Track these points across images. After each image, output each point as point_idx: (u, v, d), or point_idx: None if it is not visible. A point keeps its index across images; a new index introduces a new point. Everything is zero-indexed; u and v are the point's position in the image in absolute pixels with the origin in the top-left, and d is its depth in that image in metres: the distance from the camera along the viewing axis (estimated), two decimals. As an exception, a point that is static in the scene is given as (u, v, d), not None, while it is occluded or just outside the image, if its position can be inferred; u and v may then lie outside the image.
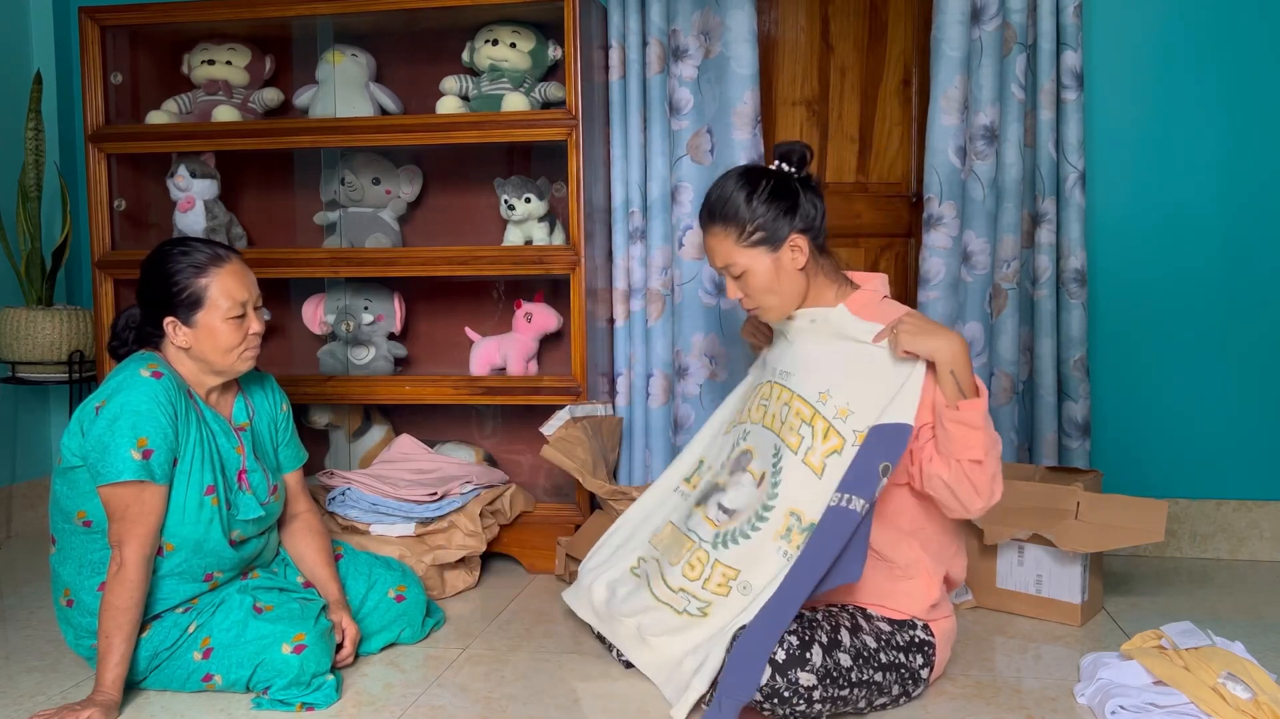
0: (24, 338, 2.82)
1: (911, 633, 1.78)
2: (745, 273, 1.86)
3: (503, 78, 2.67)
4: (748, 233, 1.83)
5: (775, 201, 1.83)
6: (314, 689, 1.81)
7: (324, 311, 2.91)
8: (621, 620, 1.93)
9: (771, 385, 1.92)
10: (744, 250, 1.84)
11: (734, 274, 1.87)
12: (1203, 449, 2.73)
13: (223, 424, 1.94)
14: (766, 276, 1.85)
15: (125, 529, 1.77)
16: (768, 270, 1.85)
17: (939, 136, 2.61)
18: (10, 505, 3.04)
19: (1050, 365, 2.65)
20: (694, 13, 2.74)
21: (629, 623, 1.91)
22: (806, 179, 1.88)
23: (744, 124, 2.69)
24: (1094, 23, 2.71)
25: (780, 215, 1.83)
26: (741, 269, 1.85)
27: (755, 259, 1.84)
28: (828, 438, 1.79)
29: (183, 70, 2.88)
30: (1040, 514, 2.21)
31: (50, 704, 1.83)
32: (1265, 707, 1.62)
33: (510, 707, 1.81)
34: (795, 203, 1.84)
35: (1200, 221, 2.70)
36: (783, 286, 1.86)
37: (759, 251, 1.84)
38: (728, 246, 1.85)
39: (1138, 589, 2.47)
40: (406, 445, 2.76)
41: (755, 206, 1.83)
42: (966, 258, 2.65)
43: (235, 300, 1.87)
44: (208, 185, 2.78)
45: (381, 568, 2.13)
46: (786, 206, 1.83)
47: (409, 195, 2.91)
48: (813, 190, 1.87)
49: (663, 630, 1.85)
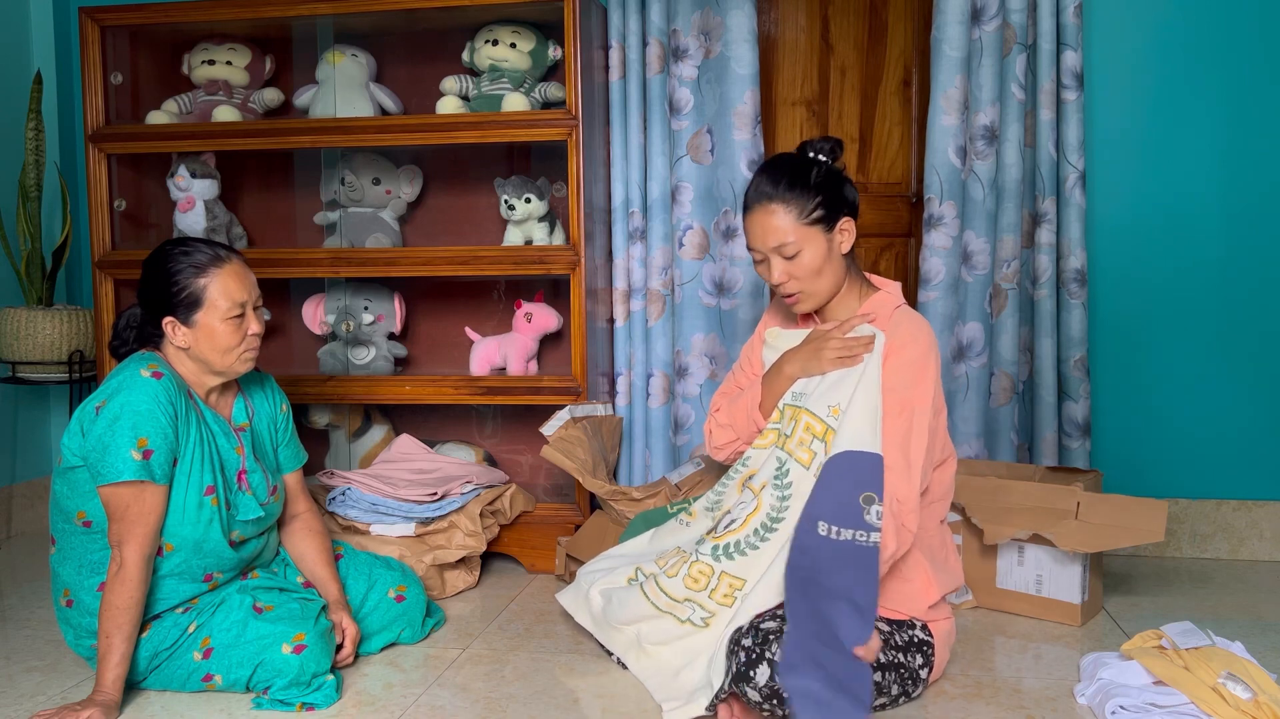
0: (24, 338, 2.82)
1: (910, 633, 1.78)
2: (799, 254, 1.83)
3: (503, 78, 2.67)
4: (809, 210, 1.82)
5: (828, 184, 1.84)
6: (314, 689, 1.81)
7: (324, 312, 2.91)
8: (620, 629, 1.93)
9: (781, 410, 1.90)
10: (803, 229, 1.82)
11: (786, 254, 1.83)
12: (1203, 449, 2.73)
13: (223, 424, 1.94)
14: (820, 258, 1.83)
15: (125, 529, 1.77)
16: (821, 251, 1.83)
17: (939, 136, 2.61)
18: (10, 505, 3.04)
19: (1050, 365, 2.65)
20: (694, 13, 2.74)
21: (628, 631, 1.92)
22: (842, 170, 1.90)
23: (744, 124, 2.69)
24: (1094, 23, 2.71)
25: (833, 198, 1.84)
26: (796, 249, 1.83)
27: (812, 239, 1.83)
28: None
29: (183, 70, 2.88)
30: (1040, 514, 2.21)
31: (50, 704, 1.83)
32: (1265, 707, 1.62)
33: (510, 707, 1.81)
34: (842, 188, 1.86)
35: (1200, 221, 2.70)
36: (830, 269, 1.85)
37: (816, 231, 1.83)
38: (788, 223, 1.82)
39: (1138, 589, 2.47)
40: (406, 445, 2.76)
41: (812, 187, 1.83)
42: (967, 258, 2.65)
43: (234, 301, 1.87)
44: (208, 185, 2.78)
45: (381, 568, 2.13)
46: (837, 190, 1.85)
47: (409, 195, 2.91)
48: (848, 181, 1.90)
49: (662, 639, 1.86)
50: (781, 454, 1.84)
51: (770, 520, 1.81)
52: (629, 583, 2.00)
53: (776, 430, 1.90)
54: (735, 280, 2.75)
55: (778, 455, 1.85)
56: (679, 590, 1.87)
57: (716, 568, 1.83)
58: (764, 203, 1.84)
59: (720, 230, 2.76)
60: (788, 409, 1.89)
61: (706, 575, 1.84)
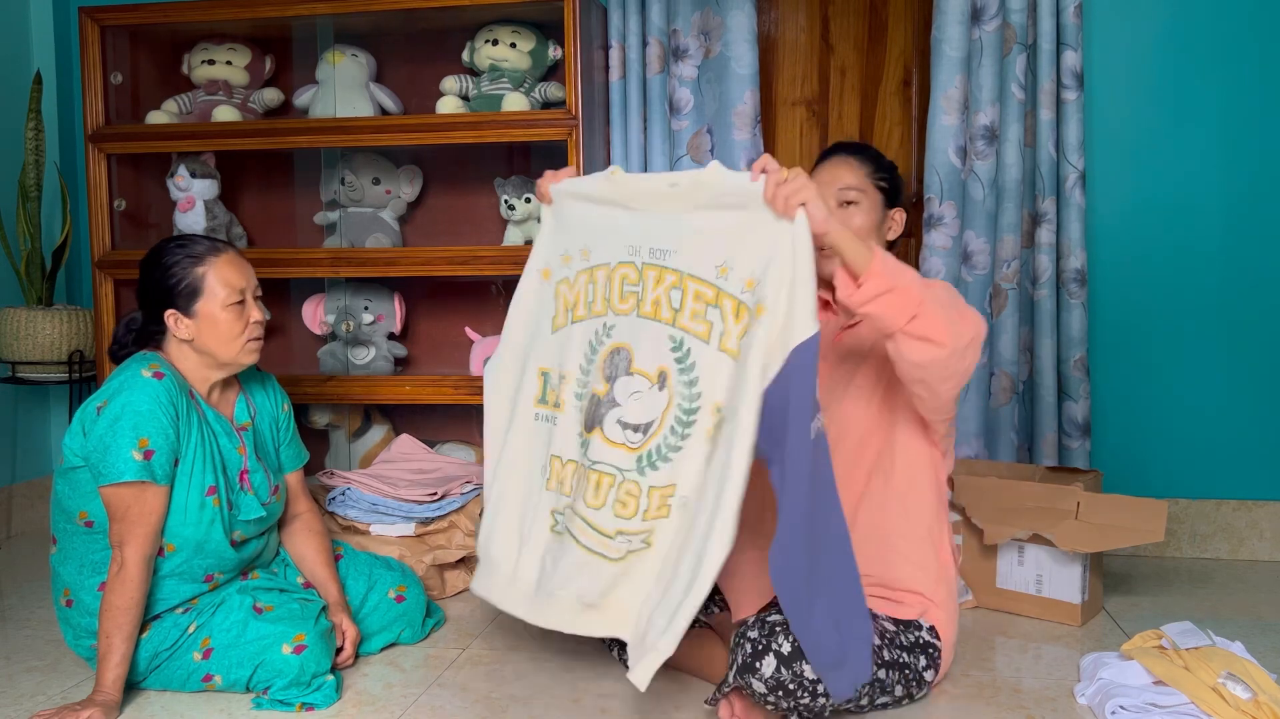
0: (24, 338, 2.82)
1: (917, 634, 1.78)
2: (857, 204, 1.85)
3: (503, 78, 2.67)
4: (880, 175, 1.88)
5: (896, 175, 1.93)
6: (314, 689, 1.81)
7: (324, 312, 2.91)
8: (556, 596, 1.66)
9: (639, 269, 1.68)
10: (870, 186, 1.87)
11: (847, 199, 1.85)
12: (1203, 449, 2.73)
13: (224, 424, 1.94)
14: (870, 222, 1.86)
15: (126, 529, 1.77)
16: (874, 217, 1.87)
17: (939, 136, 2.61)
18: (10, 505, 3.04)
19: (1050, 365, 2.65)
20: (694, 13, 2.74)
21: (564, 595, 1.65)
22: None
23: (744, 124, 2.69)
24: (1094, 23, 2.71)
25: (898, 188, 1.92)
26: (858, 197, 1.85)
27: (872, 200, 1.87)
28: (739, 316, 1.58)
29: (183, 70, 2.88)
30: (1040, 514, 2.21)
31: (50, 704, 1.83)
32: (1265, 707, 1.62)
33: (510, 707, 1.81)
34: (902, 189, 1.94)
35: (1200, 221, 2.70)
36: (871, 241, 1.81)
37: (878, 197, 1.88)
38: (861, 174, 1.86)
39: (1138, 589, 2.47)
40: (406, 445, 2.76)
41: (888, 166, 1.92)
42: (967, 258, 2.65)
43: (233, 288, 1.88)
44: (208, 185, 2.78)
45: (381, 568, 2.13)
46: (900, 185, 1.93)
47: (409, 195, 2.91)
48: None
49: (606, 588, 1.61)
50: (672, 331, 1.62)
51: (685, 414, 1.60)
52: (552, 532, 1.72)
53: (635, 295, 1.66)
54: (735, 280, 2.75)
55: (669, 333, 1.63)
56: (609, 523, 1.63)
57: (643, 483, 1.61)
58: (844, 155, 1.91)
59: (720, 230, 2.76)
60: (651, 269, 1.65)
61: (634, 496, 1.62)
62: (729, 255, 1.59)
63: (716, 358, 1.59)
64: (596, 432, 1.67)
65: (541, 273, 1.82)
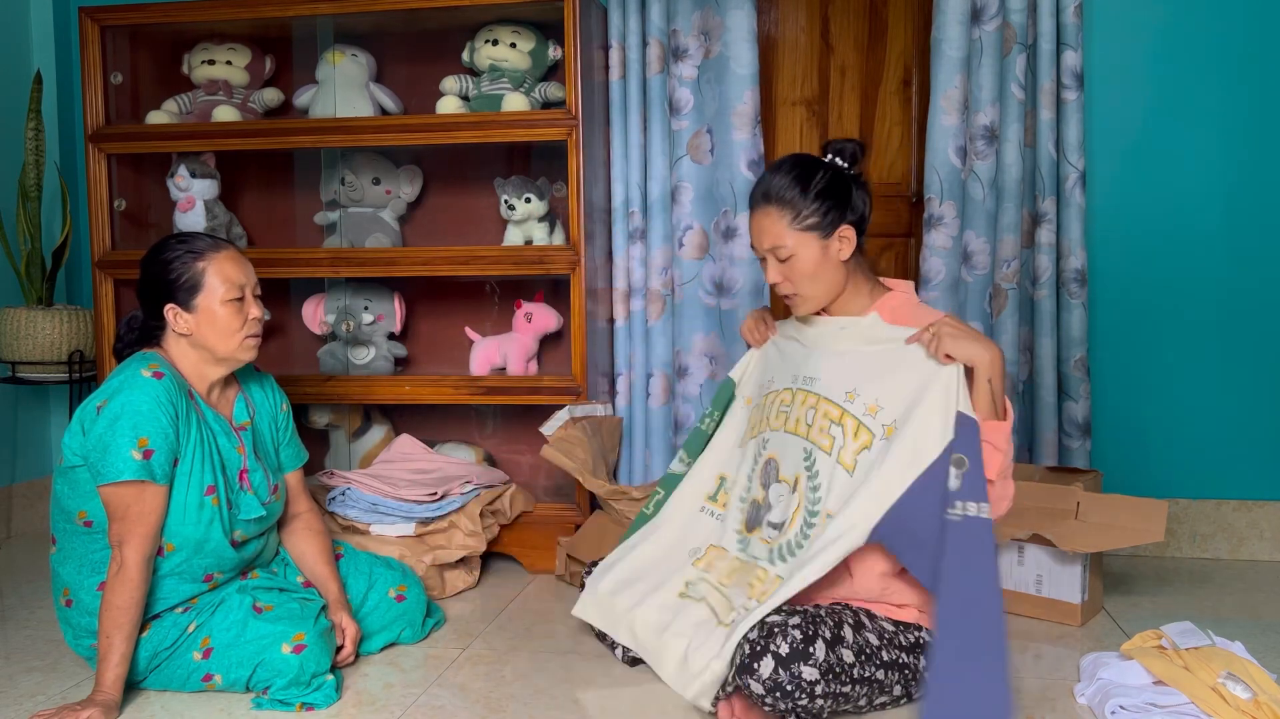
0: (24, 338, 2.82)
1: (916, 634, 1.78)
2: (792, 257, 1.86)
3: (503, 78, 2.67)
4: (802, 216, 1.85)
5: (831, 191, 1.86)
6: (314, 689, 1.81)
7: (324, 311, 2.91)
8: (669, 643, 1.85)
9: (794, 393, 1.92)
10: (796, 233, 1.85)
11: (781, 256, 1.87)
12: (1203, 449, 2.73)
13: (223, 424, 1.95)
14: (813, 263, 1.86)
15: (126, 529, 1.77)
16: (815, 257, 1.86)
17: (939, 136, 2.61)
18: (10, 505, 3.04)
19: (1050, 365, 2.65)
20: (694, 13, 2.74)
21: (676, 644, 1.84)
22: (858, 175, 1.91)
23: (744, 124, 2.69)
24: (1094, 23, 2.71)
25: (834, 205, 1.86)
26: (790, 252, 1.86)
27: (805, 244, 1.85)
28: (858, 435, 1.79)
29: (183, 70, 2.88)
30: (1040, 514, 2.21)
31: (50, 704, 1.83)
32: (1265, 707, 1.62)
33: (510, 707, 1.81)
34: (848, 195, 1.87)
35: (1200, 221, 2.70)
36: (826, 275, 1.87)
37: (810, 237, 1.85)
38: (780, 228, 1.85)
39: (1138, 589, 2.47)
40: (406, 445, 2.76)
41: (812, 193, 1.85)
42: (967, 258, 2.65)
43: (233, 283, 1.88)
44: (208, 185, 2.78)
45: (382, 568, 2.13)
46: (841, 198, 1.86)
47: (409, 195, 2.91)
48: (862, 188, 1.91)
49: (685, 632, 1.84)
50: (806, 444, 1.85)
51: (809, 515, 1.82)
52: (681, 598, 1.92)
53: (786, 415, 1.91)
54: (735, 280, 2.75)
55: (804, 446, 1.85)
56: (740, 600, 1.85)
57: (771, 572, 1.84)
58: (761, 205, 1.89)
59: (720, 230, 2.76)
60: (800, 394, 1.90)
61: (763, 582, 1.84)
62: (856, 384, 1.83)
63: (835, 467, 1.81)
64: (756, 531, 1.92)
65: (745, 399, 2.12)
